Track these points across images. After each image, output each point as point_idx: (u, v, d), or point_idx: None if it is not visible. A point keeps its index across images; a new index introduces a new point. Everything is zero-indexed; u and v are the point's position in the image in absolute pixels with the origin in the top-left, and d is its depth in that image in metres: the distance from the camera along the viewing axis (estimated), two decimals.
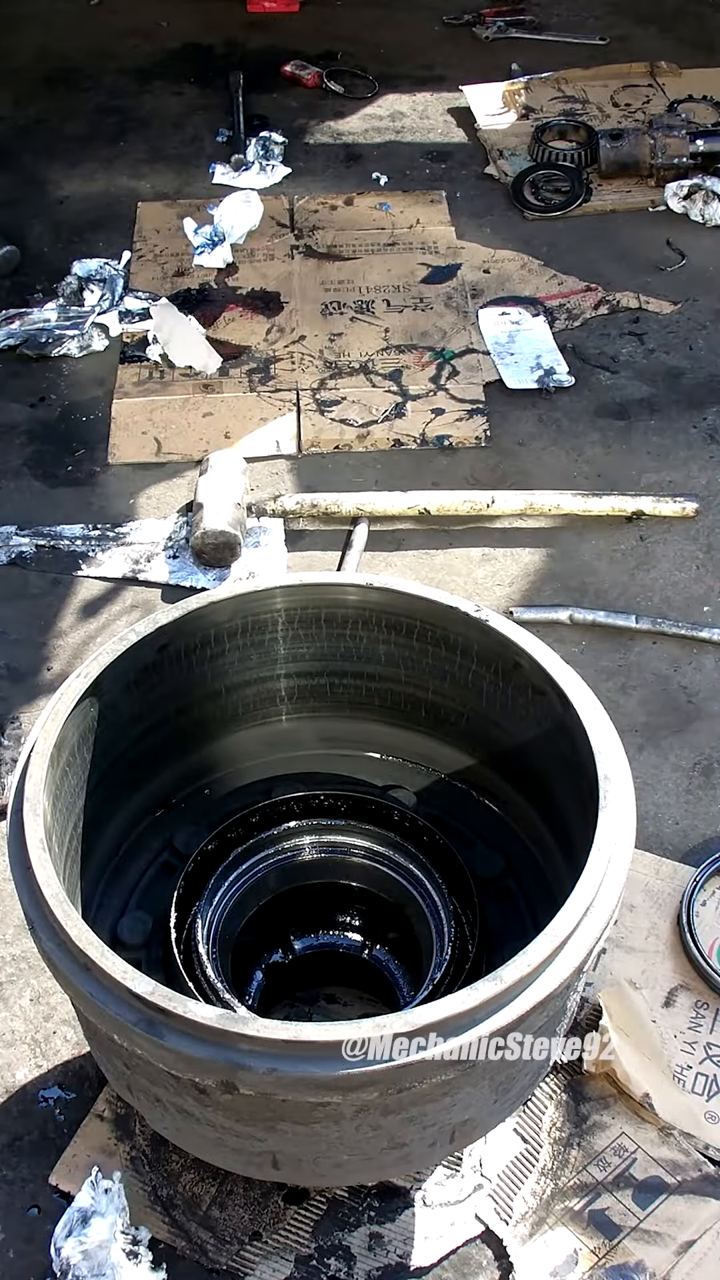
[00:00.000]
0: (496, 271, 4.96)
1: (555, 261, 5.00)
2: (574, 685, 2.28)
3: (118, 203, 5.39)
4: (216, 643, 2.56)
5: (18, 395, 4.51)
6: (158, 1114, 2.15)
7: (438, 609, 2.49)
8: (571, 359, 4.54)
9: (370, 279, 4.94)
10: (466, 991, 1.85)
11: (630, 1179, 2.55)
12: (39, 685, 3.53)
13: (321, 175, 5.56)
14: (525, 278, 4.93)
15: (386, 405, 4.40)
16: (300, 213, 5.29)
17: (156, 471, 4.20)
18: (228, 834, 2.52)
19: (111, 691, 2.37)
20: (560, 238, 5.15)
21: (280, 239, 5.14)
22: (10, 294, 4.88)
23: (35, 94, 6.11)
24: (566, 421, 4.34)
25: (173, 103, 6.08)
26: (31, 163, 5.66)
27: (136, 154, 5.72)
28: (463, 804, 2.68)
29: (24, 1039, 2.80)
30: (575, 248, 5.09)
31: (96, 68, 6.31)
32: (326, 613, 2.58)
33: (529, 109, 5.86)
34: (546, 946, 1.91)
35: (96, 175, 5.57)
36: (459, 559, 3.89)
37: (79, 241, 5.14)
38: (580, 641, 3.60)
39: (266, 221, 5.15)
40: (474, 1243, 2.48)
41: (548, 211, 5.27)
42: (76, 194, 5.47)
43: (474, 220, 5.26)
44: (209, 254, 4.98)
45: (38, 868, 2.02)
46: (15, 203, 5.40)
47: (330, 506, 3.96)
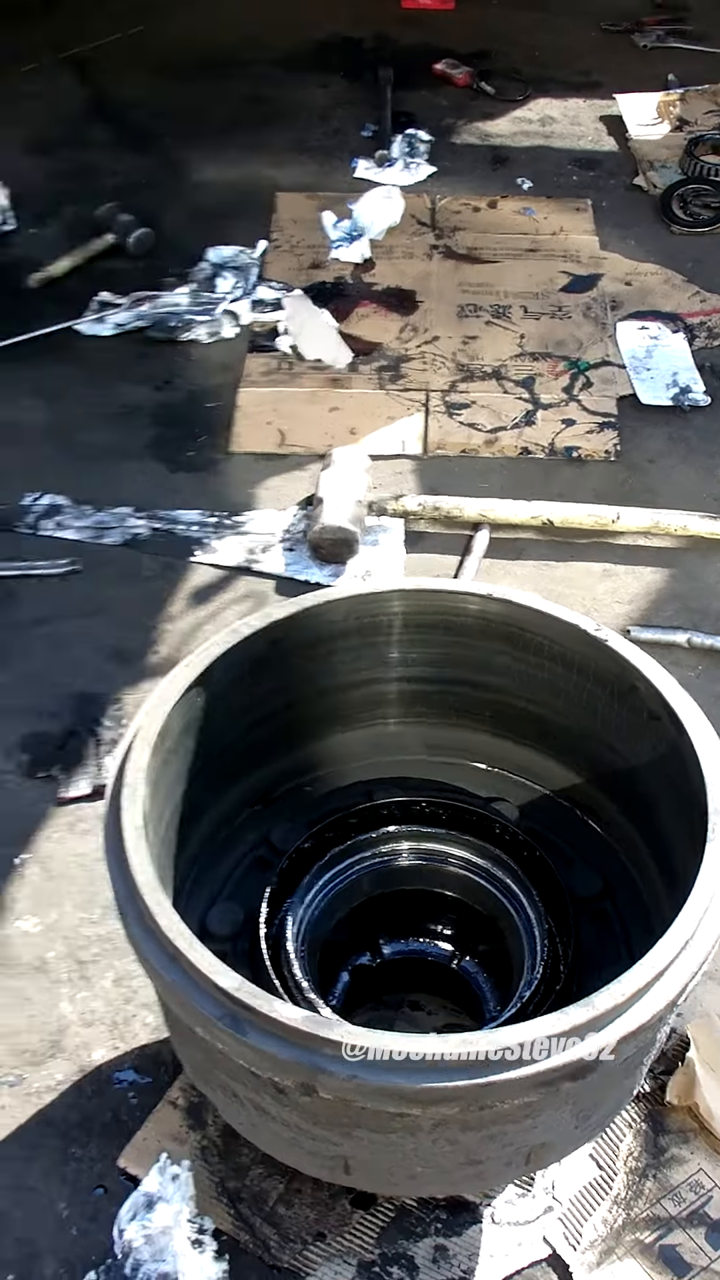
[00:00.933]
0: (638, 284, 4.90)
1: (699, 278, 4.93)
2: (690, 713, 2.23)
3: (257, 191, 5.40)
4: (329, 641, 2.54)
5: (144, 378, 4.53)
6: (233, 1108, 2.14)
7: (557, 625, 2.46)
8: (709, 378, 4.47)
9: (509, 283, 4.90)
10: (557, 1015, 1.82)
11: (705, 1217, 2.49)
12: (144, 668, 3.54)
13: (466, 176, 5.53)
14: (667, 293, 4.86)
15: (516, 412, 4.36)
16: (442, 212, 5.26)
17: (278, 463, 4.20)
18: (325, 833, 2.51)
19: (220, 682, 2.36)
20: (707, 254, 5.08)
21: (420, 238, 5.12)
22: (144, 276, 4.90)
23: (183, 79, 6.15)
24: (698, 441, 4.27)
25: (319, 95, 6.09)
26: (174, 147, 5.70)
27: (279, 144, 5.73)
28: (565, 822, 2.64)
29: (103, 1020, 2.80)
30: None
31: (246, 56, 6.33)
32: (444, 620, 2.56)
33: (683, 121, 5.79)
34: (643, 976, 1.87)
35: (237, 163, 5.59)
36: (579, 573, 3.84)
37: (215, 228, 5.15)
38: (697, 666, 3.54)
39: (407, 219, 5.14)
40: (539, 1266, 2.44)
41: (695, 227, 5.20)
42: (216, 180, 5.49)
43: (618, 231, 5.20)
44: (346, 248, 4.97)
45: (132, 854, 2.02)
46: (154, 186, 5.43)
47: (452, 510, 3.93)
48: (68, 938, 2.95)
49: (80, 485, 4.09)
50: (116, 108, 5.96)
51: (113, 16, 6.52)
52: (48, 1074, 2.70)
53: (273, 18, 6.60)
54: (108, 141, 5.75)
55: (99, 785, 3.18)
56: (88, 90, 6.08)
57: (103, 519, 3.96)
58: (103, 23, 6.47)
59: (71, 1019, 2.80)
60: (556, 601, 2.52)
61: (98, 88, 6.09)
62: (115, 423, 4.35)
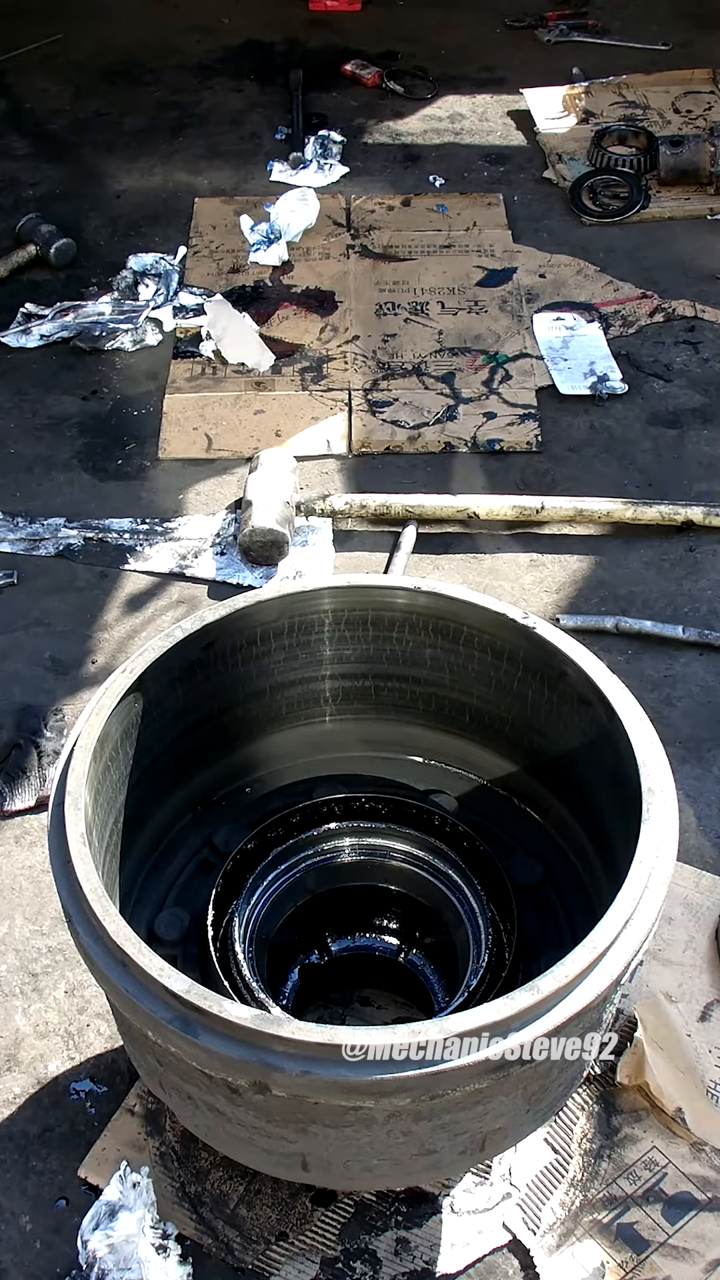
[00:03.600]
0: (552, 276, 4.94)
1: (612, 268, 4.98)
2: (620, 696, 2.27)
3: (175, 198, 5.42)
4: (262, 642, 2.55)
5: (70, 388, 4.53)
6: (189, 1111, 2.16)
7: (485, 615, 2.48)
8: (625, 366, 4.52)
9: (425, 280, 4.93)
10: (503, 1000, 1.85)
11: (660, 1194, 2.53)
12: (82, 678, 3.54)
13: (379, 175, 5.56)
14: (581, 283, 4.91)
15: (438, 408, 4.39)
16: (357, 212, 5.29)
17: (206, 468, 4.21)
18: (268, 833, 2.52)
19: (156, 688, 2.38)
20: (617, 244, 5.13)
21: (336, 238, 5.14)
22: (65, 286, 4.90)
23: (96, 88, 6.16)
24: (618, 429, 4.31)
25: (232, 99, 6.10)
26: (90, 156, 5.70)
27: (195, 150, 5.74)
28: (504, 811, 2.66)
29: (58, 1031, 2.80)
30: (632, 254, 5.07)
31: (157, 63, 6.34)
32: (374, 615, 2.58)
33: (589, 113, 5.84)
34: (585, 958, 1.89)
35: (154, 170, 5.60)
36: (507, 564, 3.87)
37: (135, 236, 5.17)
38: (626, 651, 3.58)
39: (323, 220, 5.16)
40: (501, 1252, 2.47)
41: (606, 217, 5.25)
42: (134, 188, 5.49)
43: (531, 224, 5.24)
44: (265, 251, 4.99)
45: (77, 862, 2.03)
46: (73, 196, 5.43)
47: (379, 508, 3.96)
48: (19, 950, 2.95)
49: (11, 497, 4.09)
50: (33, 118, 5.95)
51: (28, 26, 6.50)
52: (5, 1087, 2.70)
53: (184, 23, 6.62)
54: (26, 153, 5.73)
55: (43, 797, 3.18)
56: (3, 102, 6.07)
57: (36, 530, 3.96)
58: (18, 32, 6.46)
59: (26, 1031, 2.80)
60: (485, 592, 2.55)
61: (14, 99, 6.08)
62: (44, 434, 4.35)
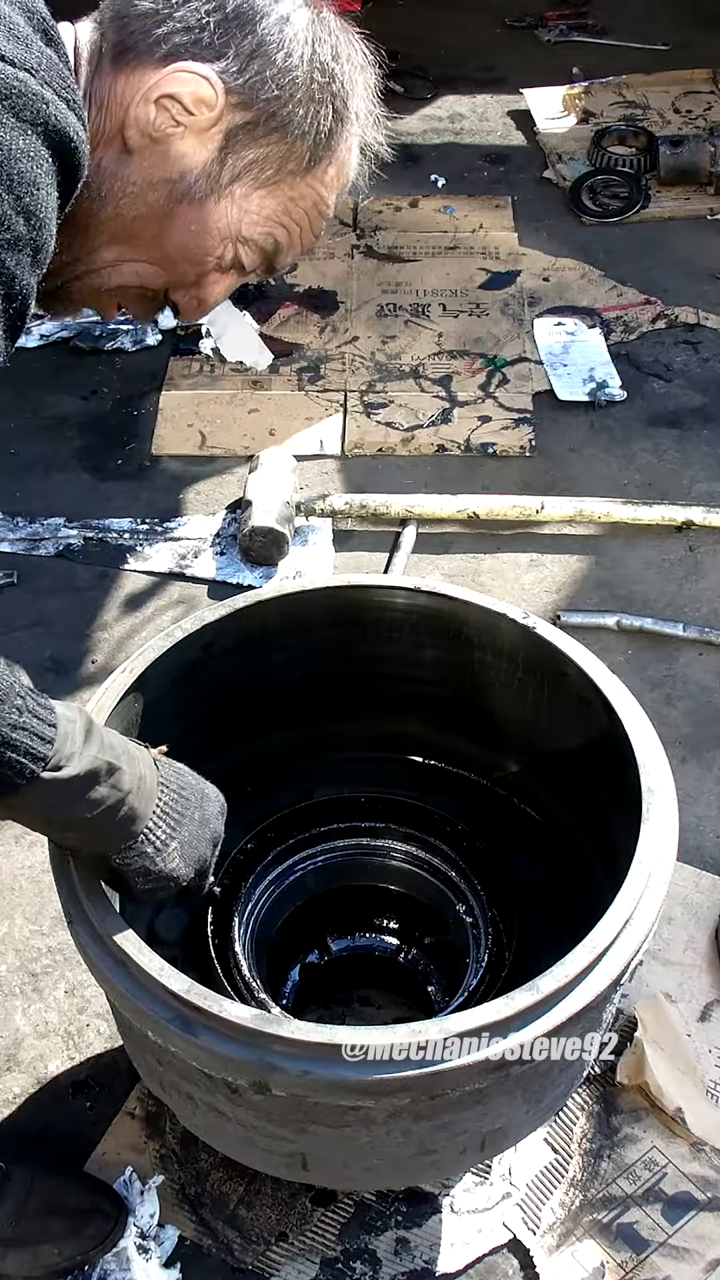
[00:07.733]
0: (556, 280, 4.94)
1: (613, 269, 4.98)
2: (620, 696, 2.26)
3: None
4: (262, 642, 2.55)
5: (70, 388, 4.53)
6: (189, 1112, 2.15)
7: (485, 614, 2.47)
8: (625, 367, 4.52)
9: (428, 282, 4.94)
10: (503, 1000, 1.84)
11: (660, 1193, 2.53)
12: (82, 678, 3.54)
13: (377, 175, 5.54)
14: (584, 288, 4.91)
15: (433, 410, 4.39)
16: (364, 212, 5.29)
17: (206, 467, 4.21)
18: (267, 833, 2.52)
19: (156, 688, 2.37)
20: (618, 244, 5.13)
21: (342, 238, 5.15)
22: None
23: None
24: (618, 429, 4.32)
25: None
26: None
27: None
28: (504, 811, 2.66)
29: (57, 1031, 2.80)
30: (633, 255, 5.07)
31: None
32: (374, 615, 2.57)
33: (589, 113, 5.84)
34: (585, 957, 1.89)
35: None
36: (506, 564, 3.87)
37: None
38: (626, 650, 3.58)
39: (330, 219, 5.14)
40: (500, 1251, 2.47)
41: (606, 217, 5.26)
42: None
43: (531, 224, 5.25)
44: None
45: None
46: None
47: (379, 508, 3.96)
48: (19, 950, 2.95)
49: (11, 497, 4.09)
50: None
51: None
52: (5, 1087, 2.70)
53: None
54: None
55: None
56: None
57: (36, 530, 3.96)
58: None
59: (26, 1031, 2.79)
60: (485, 592, 2.54)
61: None
62: (44, 434, 4.35)
